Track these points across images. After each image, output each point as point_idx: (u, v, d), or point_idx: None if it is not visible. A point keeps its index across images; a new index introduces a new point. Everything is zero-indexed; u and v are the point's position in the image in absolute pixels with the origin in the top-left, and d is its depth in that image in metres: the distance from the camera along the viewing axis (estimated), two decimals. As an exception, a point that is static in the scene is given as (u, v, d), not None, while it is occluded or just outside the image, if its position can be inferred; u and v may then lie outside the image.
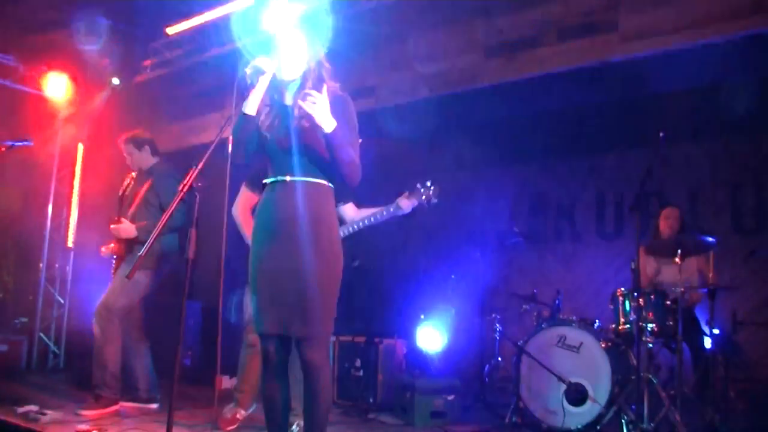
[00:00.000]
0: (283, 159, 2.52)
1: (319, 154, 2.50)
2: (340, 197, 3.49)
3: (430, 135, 6.48)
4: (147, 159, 4.50)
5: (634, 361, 3.85)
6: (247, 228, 3.61)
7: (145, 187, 4.38)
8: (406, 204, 3.49)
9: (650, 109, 5.34)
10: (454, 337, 5.58)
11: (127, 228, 4.22)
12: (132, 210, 4.36)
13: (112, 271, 4.41)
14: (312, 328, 2.41)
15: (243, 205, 3.77)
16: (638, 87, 4.86)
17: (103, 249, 4.49)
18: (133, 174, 4.52)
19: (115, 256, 4.42)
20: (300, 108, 2.48)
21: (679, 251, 4.08)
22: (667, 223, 4.76)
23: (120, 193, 4.48)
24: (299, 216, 2.45)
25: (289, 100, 2.59)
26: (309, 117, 2.45)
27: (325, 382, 2.48)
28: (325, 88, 2.53)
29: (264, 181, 2.60)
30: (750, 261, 5.28)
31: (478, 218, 7.40)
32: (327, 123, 2.41)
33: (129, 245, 4.30)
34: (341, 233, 2.93)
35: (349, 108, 2.57)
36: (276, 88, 2.59)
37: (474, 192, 7.47)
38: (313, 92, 2.40)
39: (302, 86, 2.53)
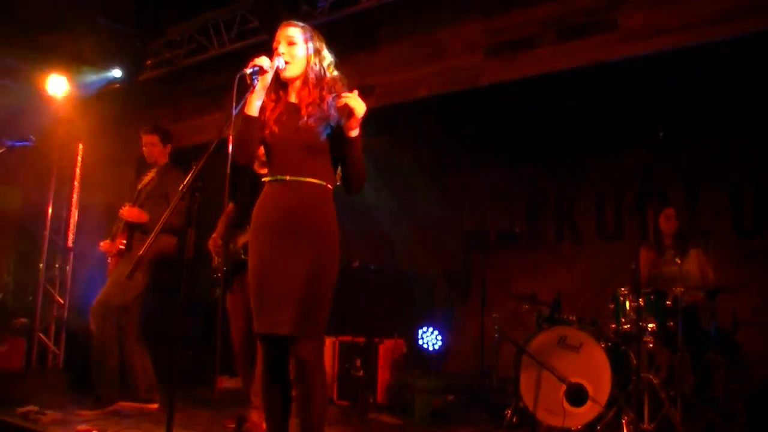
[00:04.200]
0: (284, 158, 2.49)
1: (321, 155, 2.48)
2: None
3: (430, 135, 6.48)
4: (165, 156, 4.56)
5: (634, 361, 3.85)
6: None
7: (155, 183, 4.41)
8: None
9: (650, 109, 5.34)
10: (454, 337, 5.59)
11: (138, 213, 4.24)
12: (140, 203, 4.37)
13: (108, 270, 4.41)
14: (303, 326, 2.36)
15: None
16: (638, 87, 4.86)
17: (101, 244, 4.48)
18: (154, 171, 4.51)
19: (110, 256, 4.41)
20: (308, 107, 2.46)
21: (680, 250, 4.09)
22: (666, 223, 4.76)
23: (139, 187, 4.48)
24: (297, 216, 2.43)
25: (293, 98, 2.56)
26: (315, 116, 2.45)
27: (318, 381, 2.42)
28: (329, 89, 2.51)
29: (263, 180, 2.59)
30: (750, 261, 5.28)
31: (478, 218, 7.40)
32: (357, 126, 2.39)
33: (128, 243, 4.30)
34: None
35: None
36: (282, 84, 2.57)
37: (474, 192, 7.47)
38: (348, 94, 2.37)
39: (304, 83, 2.52)
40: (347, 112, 2.37)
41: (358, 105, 2.36)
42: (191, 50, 6.62)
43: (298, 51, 2.51)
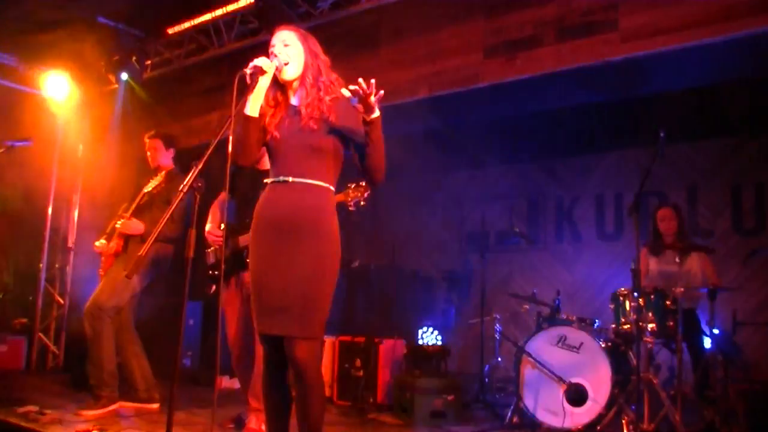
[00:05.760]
0: (286, 159, 2.49)
1: (323, 157, 2.48)
2: None
3: (430, 135, 6.48)
4: (168, 160, 4.53)
5: (634, 361, 3.85)
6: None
7: (161, 189, 4.38)
8: None
9: (650, 109, 5.35)
10: (454, 337, 5.59)
11: (135, 225, 4.23)
12: (141, 206, 4.35)
13: (101, 270, 4.39)
14: (302, 327, 2.36)
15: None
16: (638, 87, 4.86)
17: (97, 244, 4.46)
18: (160, 176, 4.45)
19: (104, 256, 4.40)
20: (307, 107, 2.47)
21: (679, 251, 4.09)
22: (663, 224, 4.75)
23: (144, 190, 4.42)
24: (298, 217, 2.43)
25: (293, 100, 2.57)
26: (315, 117, 2.46)
27: (314, 382, 2.42)
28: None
29: (264, 181, 2.59)
30: (750, 261, 5.28)
31: (478, 218, 7.41)
32: (376, 105, 2.38)
33: (125, 244, 4.29)
34: None
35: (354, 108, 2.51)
36: (280, 87, 2.58)
37: (473, 192, 7.48)
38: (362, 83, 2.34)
39: (302, 84, 2.53)
40: (359, 95, 2.34)
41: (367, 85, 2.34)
42: (191, 50, 6.62)
43: (294, 52, 2.52)
